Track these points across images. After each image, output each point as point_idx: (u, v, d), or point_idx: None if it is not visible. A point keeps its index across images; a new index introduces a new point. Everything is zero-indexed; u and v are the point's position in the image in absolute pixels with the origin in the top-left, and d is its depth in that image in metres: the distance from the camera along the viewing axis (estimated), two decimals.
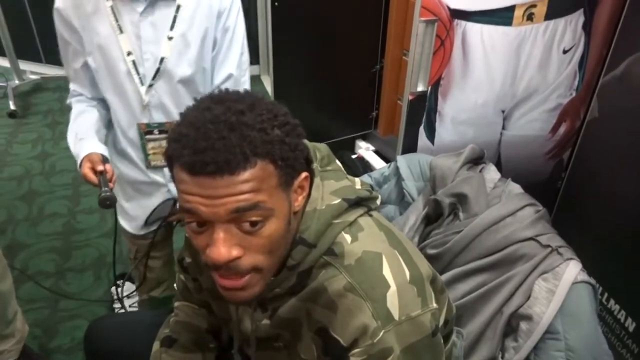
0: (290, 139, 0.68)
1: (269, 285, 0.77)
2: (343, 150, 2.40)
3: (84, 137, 1.27)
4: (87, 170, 1.22)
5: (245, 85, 1.36)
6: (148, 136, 1.31)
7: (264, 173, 0.65)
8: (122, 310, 1.77)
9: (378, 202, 0.84)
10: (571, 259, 1.06)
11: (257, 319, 0.85)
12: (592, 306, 1.04)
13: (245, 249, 0.67)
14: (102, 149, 1.27)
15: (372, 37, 2.24)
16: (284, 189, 0.69)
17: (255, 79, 3.35)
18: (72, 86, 1.35)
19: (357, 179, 0.85)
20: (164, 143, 1.30)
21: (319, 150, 0.82)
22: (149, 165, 1.36)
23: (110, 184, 1.21)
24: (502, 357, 1.08)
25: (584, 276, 1.05)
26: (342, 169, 0.85)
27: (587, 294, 1.04)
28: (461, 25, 1.37)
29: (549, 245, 1.07)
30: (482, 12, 1.37)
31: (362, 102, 2.40)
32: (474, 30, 1.39)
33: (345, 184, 0.80)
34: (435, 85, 1.45)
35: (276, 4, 1.96)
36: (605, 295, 1.49)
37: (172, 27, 1.21)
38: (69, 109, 1.37)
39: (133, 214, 1.46)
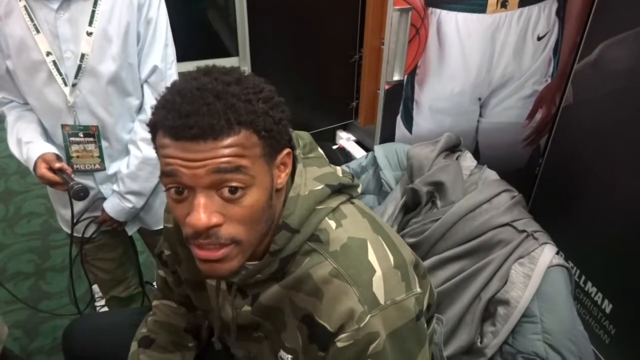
0: (273, 112, 0.68)
1: (250, 270, 0.77)
2: (324, 141, 2.40)
3: (30, 140, 1.24)
4: (44, 170, 1.20)
5: (171, 78, 1.30)
6: (72, 138, 1.27)
7: (247, 141, 0.65)
8: (105, 309, 1.77)
9: (359, 190, 0.85)
10: (546, 243, 1.08)
11: (237, 306, 0.85)
12: (567, 289, 1.06)
13: (225, 217, 0.67)
14: (53, 149, 1.25)
15: (350, 27, 2.24)
16: (267, 160, 0.69)
17: None
18: (0, 94, 1.29)
19: (338, 168, 0.85)
20: (88, 147, 1.28)
21: (302, 137, 0.83)
22: (72, 169, 1.29)
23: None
24: (481, 342, 1.10)
25: (559, 260, 1.07)
26: (324, 156, 0.85)
27: (562, 278, 1.06)
28: (436, 13, 1.37)
29: (524, 231, 1.09)
30: None
31: (342, 92, 2.39)
32: (449, 18, 1.39)
33: (328, 170, 0.81)
34: (412, 74, 1.45)
35: None
36: (583, 278, 1.51)
37: (90, 23, 1.16)
38: (2, 118, 1.32)
39: (69, 218, 1.39)
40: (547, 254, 1.05)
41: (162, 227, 1.46)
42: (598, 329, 1.49)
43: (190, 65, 0.72)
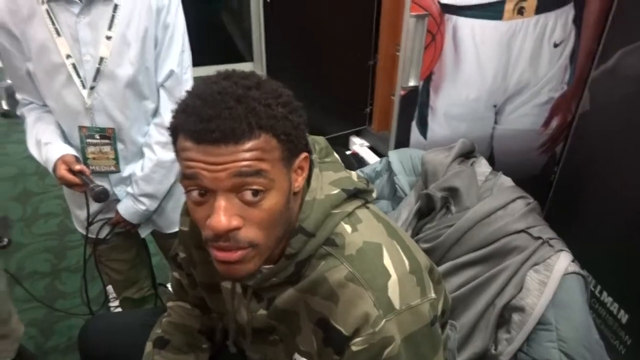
0: (292, 117, 0.69)
1: (266, 274, 0.78)
2: (337, 146, 2.40)
3: (49, 141, 1.26)
4: (63, 172, 1.21)
5: (187, 83, 1.32)
6: (88, 140, 1.28)
7: (267, 145, 0.66)
8: (119, 309, 1.78)
9: (374, 195, 0.85)
10: (562, 250, 1.07)
11: (253, 310, 0.85)
12: (583, 297, 1.05)
13: (245, 220, 0.68)
14: (72, 150, 1.26)
15: (365, 33, 2.24)
16: (285, 164, 0.69)
17: None
18: (20, 95, 1.32)
19: (353, 172, 0.86)
20: (104, 149, 1.29)
21: (318, 142, 0.83)
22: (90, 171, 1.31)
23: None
24: (495, 349, 1.09)
25: (574, 267, 1.06)
26: (340, 161, 0.86)
27: (578, 285, 1.05)
28: (452, 20, 1.37)
29: (540, 237, 1.08)
30: (472, 6, 1.37)
31: (356, 98, 2.40)
32: (465, 25, 1.39)
33: (344, 175, 0.81)
34: (427, 80, 1.45)
35: (268, 0, 1.96)
36: (598, 287, 1.50)
37: (110, 27, 1.19)
38: (21, 119, 1.34)
39: (83, 219, 1.41)
40: (563, 261, 1.05)
41: (174, 230, 1.48)
42: (614, 339, 1.47)
43: (205, 70, 0.73)
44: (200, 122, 0.64)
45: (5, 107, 3.19)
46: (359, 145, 2.45)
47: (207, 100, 0.65)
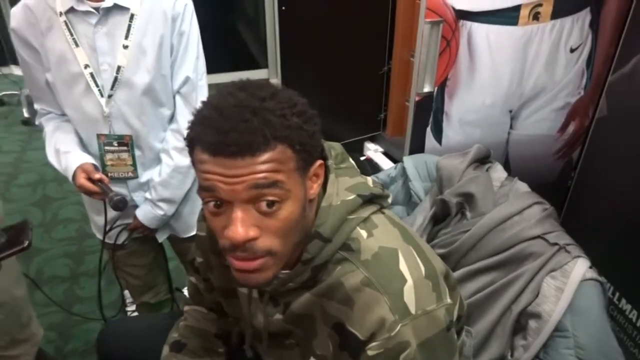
0: (307, 126, 0.69)
1: (282, 279, 0.78)
2: (351, 152, 2.40)
3: (68, 150, 1.28)
4: (83, 180, 1.24)
5: (202, 89, 1.33)
6: (107, 147, 1.31)
7: (282, 156, 0.67)
8: (135, 314, 1.81)
9: (389, 200, 0.86)
10: (579, 256, 1.06)
11: (269, 314, 0.86)
12: (601, 303, 1.04)
13: (261, 230, 0.68)
14: (91, 159, 1.29)
15: (380, 39, 2.26)
16: (300, 173, 0.70)
17: None
18: (39, 106, 1.35)
19: (369, 178, 0.86)
20: (122, 155, 1.31)
21: (334, 148, 0.84)
22: (109, 179, 1.32)
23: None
24: (512, 356, 1.08)
25: (592, 274, 1.05)
26: (355, 166, 0.86)
27: (595, 292, 1.04)
28: (467, 25, 1.37)
29: (556, 243, 1.07)
30: (487, 12, 1.37)
31: (370, 104, 2.41)
32: (480, 31, 1.39)
33: (359, 180, 0.82)
34: (442, 86, 1.45)
35: (283, 8, 1.98)
36: (617, 294, 1.48)
37: (126, 36, 1.21)
38: (40, 128, 1.37)
39: (102, 225, 1.43)
40: (580, 267, 1.04)
41: (191, 234, 1.49)
42: (633, 347, 1.45)
43: (221, 77, 0.74)
44: (217, 134, 0.64)
45: (26, 114, 3.26)
46: (373, 151, 2.46)
47: (224, 113, 0.66)
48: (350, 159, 0.86)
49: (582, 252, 1.08)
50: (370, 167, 2.35)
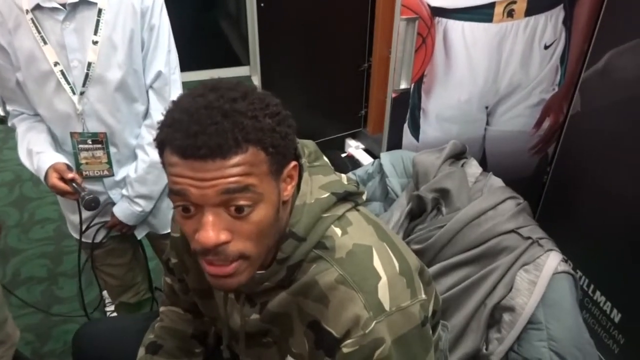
0: (280, 128, 0.68)
1: (258, 279, 0.78)
2: (333, 149, 2.41)
3: (41, 150, 1.27)
4: (55, 180, 1.22)
5: (175, 83, 1.32)
6: (81, 146, 1.29)
7: (254, 159, 0.65)
8: (114, 314, 1.79)
9: (364, 197, 0.85)
10: (552, 250, 1.08)
11: (246, 315, 0.86)
12: (573, 296, 1.06)
13: (233, 233, 0.68)
14: (64, 159, 1.27)
15: (359, 36, 2.26)
16: (273, 176, 0.69)
17: (246, 80, 3.36)
18: (11, 107, 1.33)
19: (343, 175, 0.86)
20: (97, 153, 1.30)
21: (307, 146, 0.83)
22: (81, 176, 1.32)
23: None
24: (486, 349, 1.10)
25: (564, 267, 1.06)
26: (330, 164, 0.86)
27: (568, 284, 1.06)
28: (442, 22, 1.38)
29: (529, 237, 1.09)
30: (462, 9, 1.38)
31: (351, 100, 2.41)
32: (455, 28, 1.40)
33: (334, 178, 0.81)
34: (419, 82, 1.46)
35: (262, 4, 1.97)
36: (592, 287, 1.51)
37: (95, 32, 1.19)
38: (13, 129, 1.35)
39: (78, 224, 1.41)
40: (553, 260, 1.05)
41: (169, 231, 1.48)
42: (607, 338, 1.47)
43: (203, 74, 0.73)
44: (187, 137, 0.63)
45: (1, 112, 3.20)
46: (354, 148, 2.46)
47: (193, 115, 0.64)
48: (324, 157, 0.86)
49: (555, 245, 1.10)
50: (352, 164, 2.36)
